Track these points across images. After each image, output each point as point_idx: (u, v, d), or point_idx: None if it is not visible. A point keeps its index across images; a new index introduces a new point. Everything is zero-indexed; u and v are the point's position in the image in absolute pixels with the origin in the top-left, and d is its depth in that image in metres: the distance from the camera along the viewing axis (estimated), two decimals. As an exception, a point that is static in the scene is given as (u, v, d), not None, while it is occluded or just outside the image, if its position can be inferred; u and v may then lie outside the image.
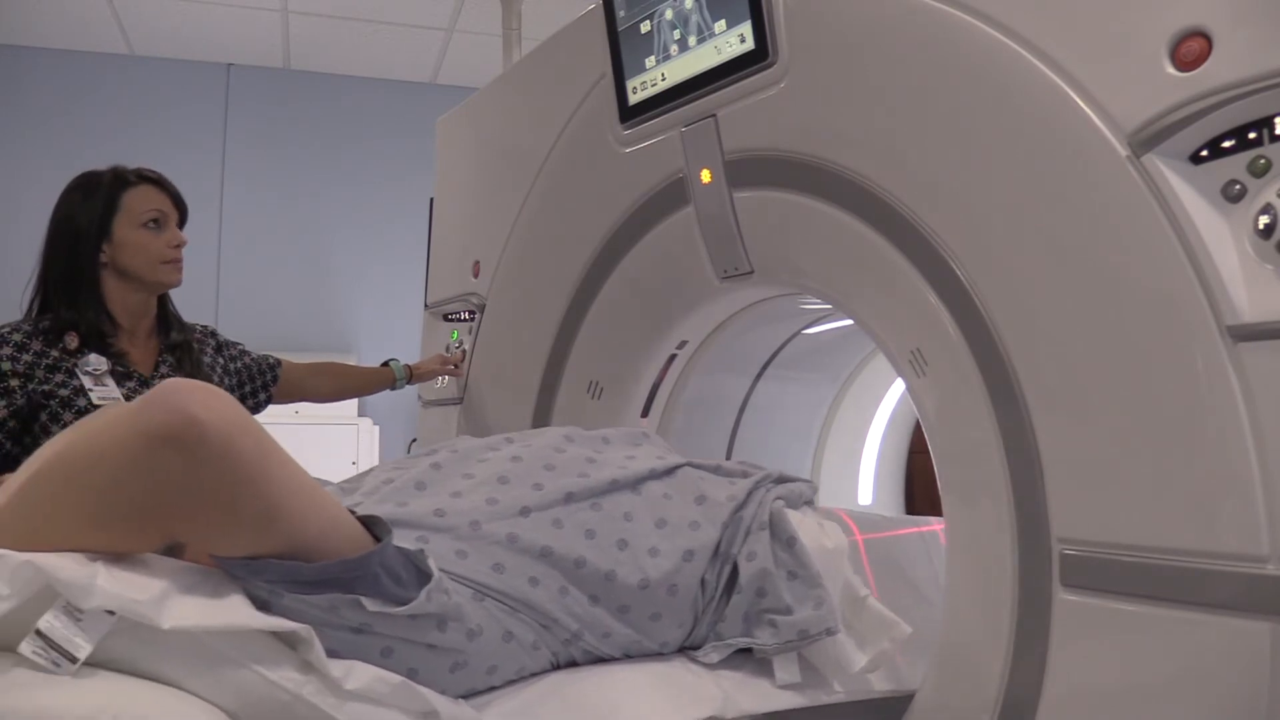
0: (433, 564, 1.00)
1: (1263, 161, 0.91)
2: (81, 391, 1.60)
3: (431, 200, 2.38)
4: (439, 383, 2.16)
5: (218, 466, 0.83)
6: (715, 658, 1.18)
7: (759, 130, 1.40)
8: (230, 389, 1.90)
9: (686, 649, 1.21)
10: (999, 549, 1.10)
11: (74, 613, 0.79)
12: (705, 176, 1.49)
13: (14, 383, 1.57)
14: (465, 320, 2.16)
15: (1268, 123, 0.91)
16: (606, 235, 1.69)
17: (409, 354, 2.45)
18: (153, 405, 0.83)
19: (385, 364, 2.15)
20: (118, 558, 0.86)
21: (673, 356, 1.80)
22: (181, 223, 1.75)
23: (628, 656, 1.16)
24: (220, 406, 0.84)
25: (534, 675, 1.09)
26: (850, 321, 1.55)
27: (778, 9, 1.34)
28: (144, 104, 4.62)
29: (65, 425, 1.57)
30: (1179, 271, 0.93)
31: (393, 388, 2.14)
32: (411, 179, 4.27)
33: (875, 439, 2.22)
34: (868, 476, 2.22)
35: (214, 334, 1.94)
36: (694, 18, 1.47)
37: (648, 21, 1.54)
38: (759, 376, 2.03)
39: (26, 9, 4.18)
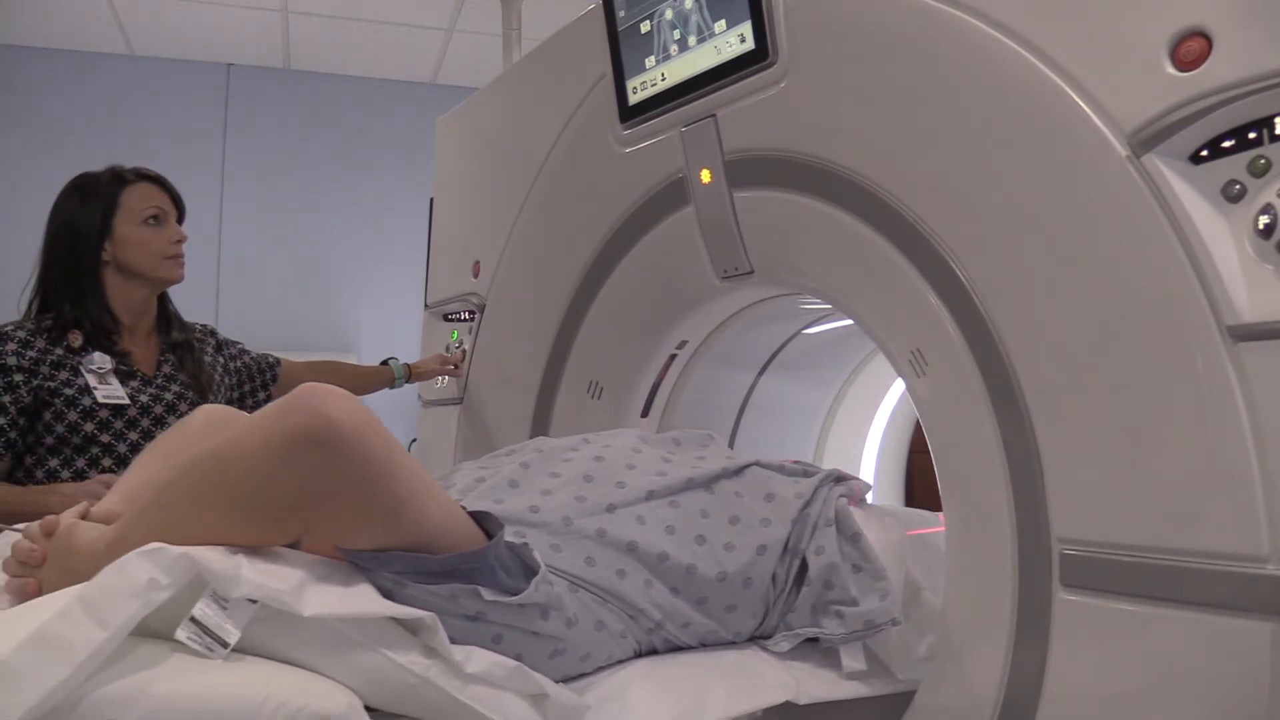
0: (537, 556, 1.06)
1: (1263, 161, 0.91)
2: (86, 390, 1.61)
3: (431, 200, 2.38)
4: (439, 382, 2.16)
5: (353, 464, 0.89)
6: (785, 646, 1.23)
7: (759, 130, 1.40)
8: (230, 388, 1.90)
9: (757, 639, 1.27)
10: (999, 549, 1.10)
11: (221, 601, 0.85)
12: (705, 176, 1.49)
13: (18, 378, 1.57)
14: (465, 320, 2.16)
15: (1268, 123, 0.91)
16: (606, 235, 1.69)
17: (409, 354, 2.45)
18: (293, 408, 0.89)
19: (385, 363, 2.16)
20: (254, 550, 0.91)
21: (673, 356, 1.80)
22: (180, 219, 1.76)
23: (703, 645, 1.23)
24: (354, 409, 0.91)
25: (619, 662, 1.15)
26: (850, 321, 1.55)
27: (778, 9, 1.34)
28: (144, 104, 4.62)
29: (69, 424, 1.59)
30: (1179, 271, 0.93)
31: (392, 386, 2.15)
32: (411, 179, 4.28)
33: (875, 439, 2.22)
34: (868, 476, 2.22)
35: (213, 333, 1.94)
36: (694, 18, 1.47)
37: (648, 21, 1.54)
38: (759, 376, 2.03)
39: (26, 9, 4.18)
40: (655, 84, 1.54)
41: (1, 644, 0.77)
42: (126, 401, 1.64)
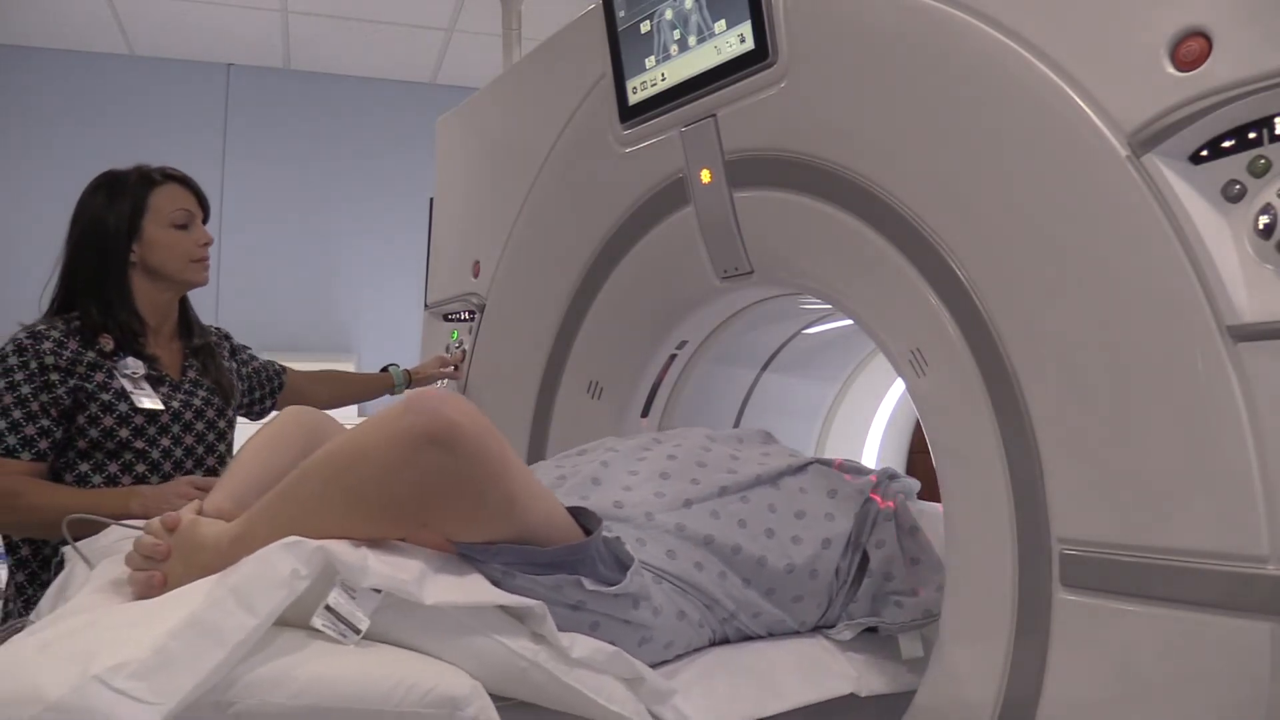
0: (630, 549, 1.13)
1: (1263, 161, 0.91)
2: (123, 395, 1.59)
3: (431, 200, 2.38)
4: (439, 384, 2.16)
5: (471, 463, 0.96)
6: (848, 635, 1.29)
7: (759, 130, 1.40)
8: (242, 393, 1.90)
9: (820, 628, 1.33)
10: (999, 549, 1.10)
11: (350, 591, 0.92)
12: (705, 176, 1.49)
13: (55, 377, 1.55)
14: (465, 320, 2.16)
15: (1268, 123, 0.91)
16: (606, 235, 1.69)
17: (409, 354, 2.45)
18: (415, 410, 0.95)
19: (385, 369, 2.16)
20: (375, 543, 0.97)
21: (673, 356, 1.80)
22: (205, 220, 1.77)
23: (771, 634, 1.29)
24: (470, 411, 0.97)
25: (696, 650, 1.22)
26: (850, 321, 1.55)
27: (778, 9, 1.34)
28: (144, 104, 4.63)
29: (105, 429, 1.57)
30: (1179, 271, 0.93)
31: (393, 393, 2.15)
32: (411, 179, 4.28)
33: (875, 439, 2.22)
34: (868, 476, 2.22)
35: (228, 337, 1.94)
36: (694, 18, 1.47)
37: (648, 21, 1.54)
38: (759, 376, 2.03)
39: (26, 9, 4.18)
40: (655, 84, 1.54)
41: (158, 631, 0.83)
42: (162, 408, 1.63)
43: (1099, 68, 1.00)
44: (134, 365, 1.63)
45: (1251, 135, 0.92)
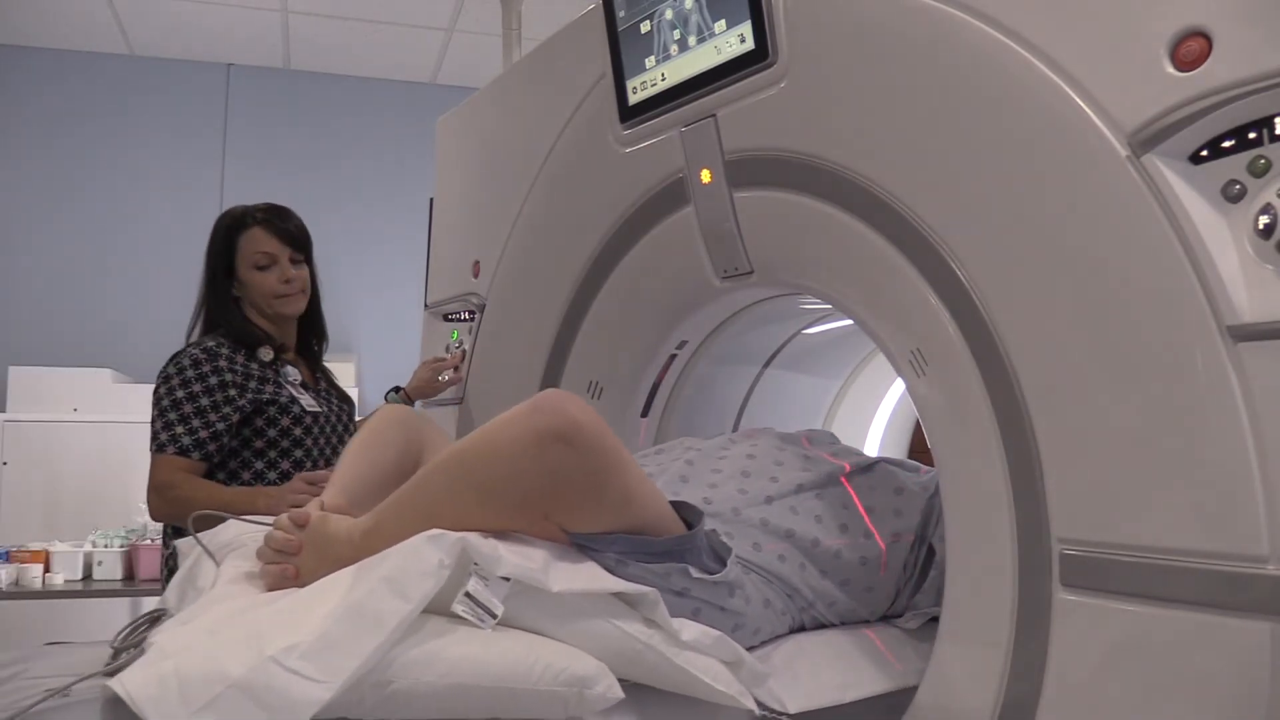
0: (727, 541, 1.21)
1: (1263, 161, 0.91)
2: (294, 399, 1.80)
3: (431, 200, 2.38)
4: (443, 377, 2.15)
5: (593, 458, 1.03)
6: (915, 624, 1.38)
7: (759, 130, 1.40)
8: None
9: (889, 617, 1.42)
10: (999, 549, 1.10)
11: (484, 579, 0.99)
12: (705, 176, 1.49)
13: (233, 391, 1.74)
14: (465, 320, 2.16)
15: (1268, 123, 0.91)
16: (606, 235, 1.69)
17: (409, 354, 2.45)
18: (542, 410, 1.02)
19: (385, 398, 2.16)
20: (500, 535, 1.04)
21: (673, 356, 1.80)
22: (302, 251, 1.92)
23: (843, 622, 1.37)
24: (590, 411, 1.05)
25: (778, 637, 1.30)
26: (850, 321, 1.55)
27: (778, 9, 1.34)
28: (144, 104, 4.62)
29: (281, 429, 1.78)
30: (1179, 271, 0.93)
31: None
32: (411, 179, 4.28)
33: (875, 439, 2.22)
34: (868, 476, 2.22)
35: None
36: (694, 18, 1.46)
37: (648, 21, 1.54)
38: (759, 377, 2.03)
39: (26, 9, 4.18)
40: (655, 84, 1.54)
41: (319, 617, 0.91)
42: (321, 410, 1.85)
43: (1099, 67, 1.00)
44: (293, 373, 1.86)
45: (1251, 135, 0.92)
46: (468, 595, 0.98)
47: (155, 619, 1.06)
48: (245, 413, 1.75)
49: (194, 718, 0.83)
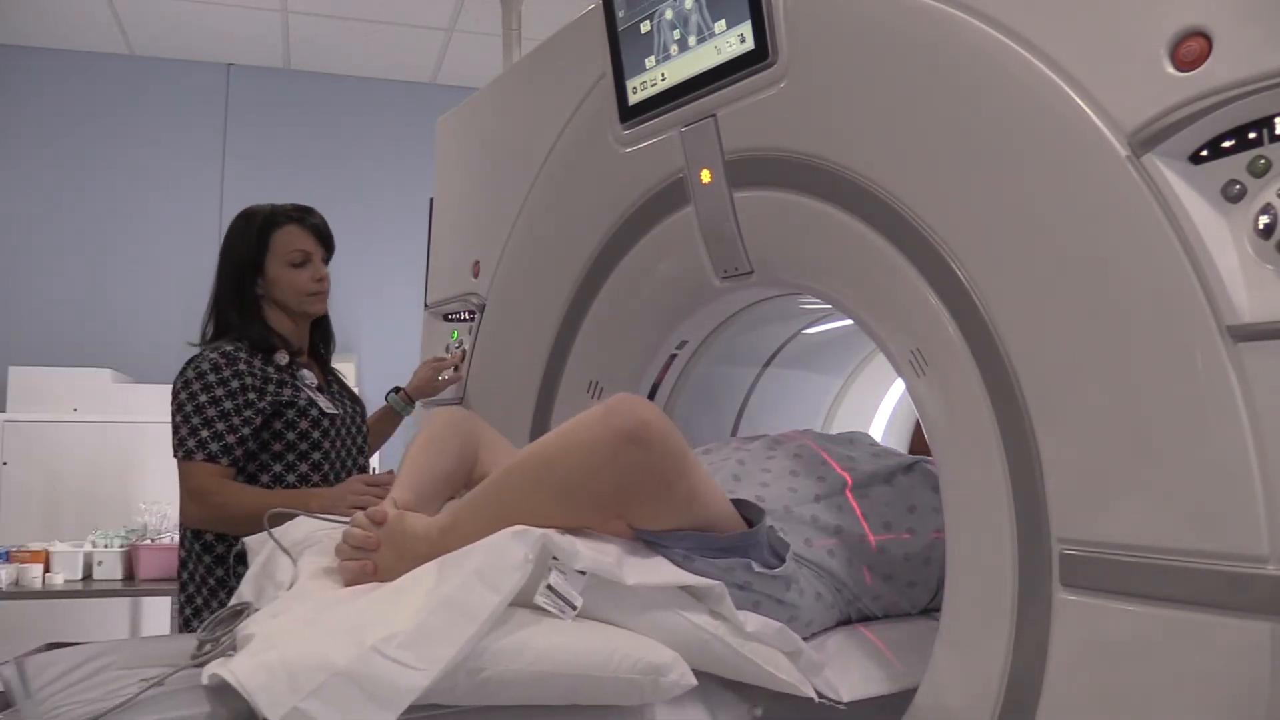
0: (784, 537, 1.26)
1: (1263, 161, 0.91)
2: (312, 402, 1.80)
3: (431, 200, 2.38)
4: (443, 376, 2.15)
5: (664, 459, 1.09)
6: None
7: (759, 130, 1.40)
8: None
9: (929, 610, 1.46)
10: (999, 549, 1.10)
11: (564, 573, 1.04)
12: (705, 176, 1.49)
13: (252, 395, 1.74)
14: (465, 320, 2.16)
15: (1268, 123, 0.91)
16: (606, 235, 1.69)
17: (409, 354, 2.45)
18: (616, 413, 1.08)
19: (386, 398, 2.17)
20: (574, 531, 1.09)
21: (673, 356, 1.80)
22: (329, 254, 1.94)
23: (887, 615, 1.42)
24: (660, 414, 1.11)
25: (826, 630, 1.35)
26: (850, 321, 1.55)
27: (778, 9, 1.34)
28: (144, 104, 4.62)
29: (300, 432, 1.78)
30: (1179, 271, 0.93)
31: (402, 415, 2.16)
32: (411, 179, 4.27)
33: (876, 439, 2.22)
34: (868, 476, 2.22)
35: None
36: (694, 18, 1.46)
37: (648, 21, 1.54)
38: (759, 377, 2.03)
39: (26, 9, 4.18)
40: (655, 84, 1.54)
41: (414, 608, 0.97)
42: (337, 412, 1.86)
43: (1099, 68, 1.00)
44: (309, 376, 1.86)
45: (1251, 135, 0.92)
46: (550, 588, 1.03)
47: (237, 612, 1.11)
48: (265, 415, 1.75)
49: (302, 703, 0.88)
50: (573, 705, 1.04)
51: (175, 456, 1.72)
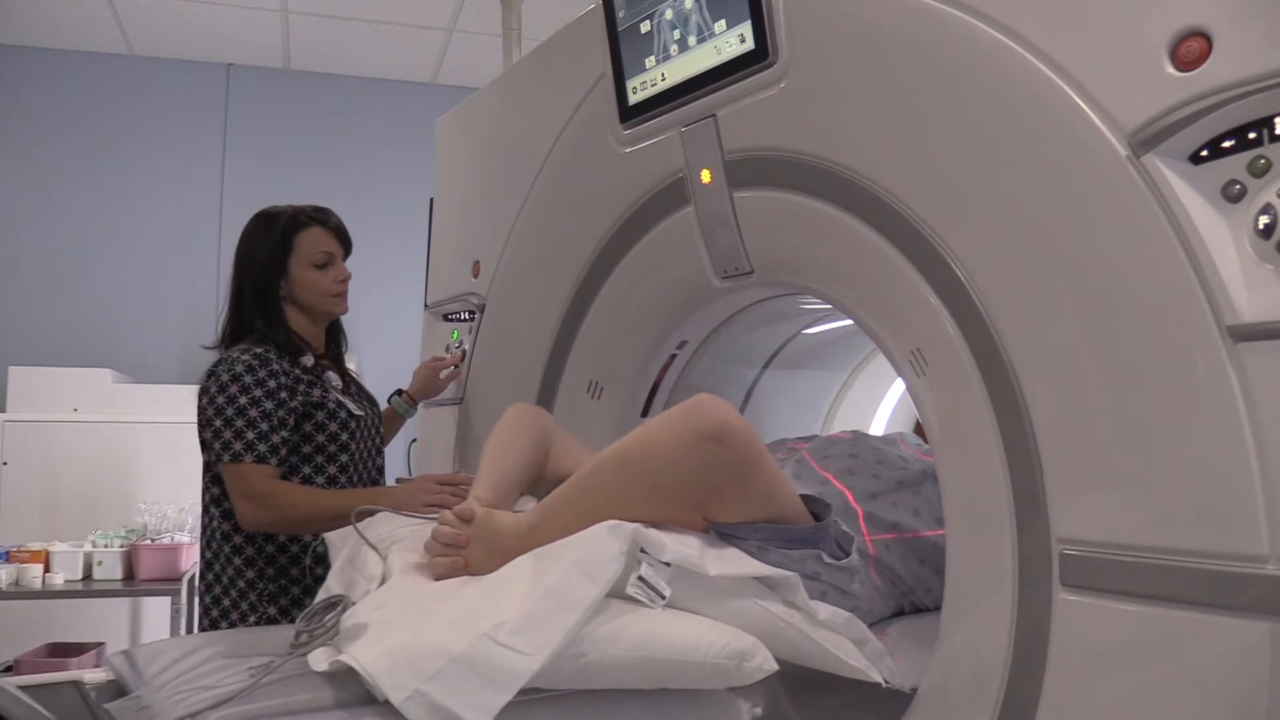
0: (848, 530, 1.31)
1: (1263, 161, 0.91)
2: (341, 404, 1.82)
3: (431, 200, 2.38)
4: (443, 375, 2.15)
5: (742, 456, 1.15)
6: None
7: (759, 130, 1.40)
8: None
9: None
10: (999, 549, 1.10)
11: (652, 564, 1.09)
12: (705, 176, 1.49)
13: (284, 395, 1.74)
14: (465, 320, 2.16)
15: (1268, 123, 0.91)
16: (606, 235, 1.69)
17: (409, 354, 2.45)
18: (696, 413, 1.14)
19: (389, 400, 2.17)
20: (658, 525, 1.14)
21: (673, 356, 1.80)
22: (347, 254, 1.95)
23: (937, 607, 1.38)
24: (738, 415, 1.16)
25: (883, 620, 1.40)
26: (850, 322, 1.55)
27: (778, 9, 1.34)
28: (144, 104, 4.62)
29: (330, 434, 1.79)
30: (1179, 271, 0.93)
31: (405, 415, 2.17)
32: (411, 179, 4.28)
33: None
34: (868, 476, 2.22)
35: None
36: (694, 18, 1.46)
37: (648, 21, 1.54)
38: (759, 376, 2.03)
39: (26, 9, 4.18)
40: (655, 84, 1.54)
41: (519, 598, 1.03)
42: (361, 414, 1.87)
43: (1099, 68, 1.00)
44: (334, 378, 1.87)
45: (1251, 135, 0.92)
46: (641, 579, 1.09)
47: (331, 604, 1.16)
48: (297, 417, 1.76)
49: (423, 686, 0.94)
50: (661, 690, 1.10)
51: (220, 461, 1.69)
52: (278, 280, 1.85)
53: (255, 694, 1.02)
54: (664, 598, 1.09)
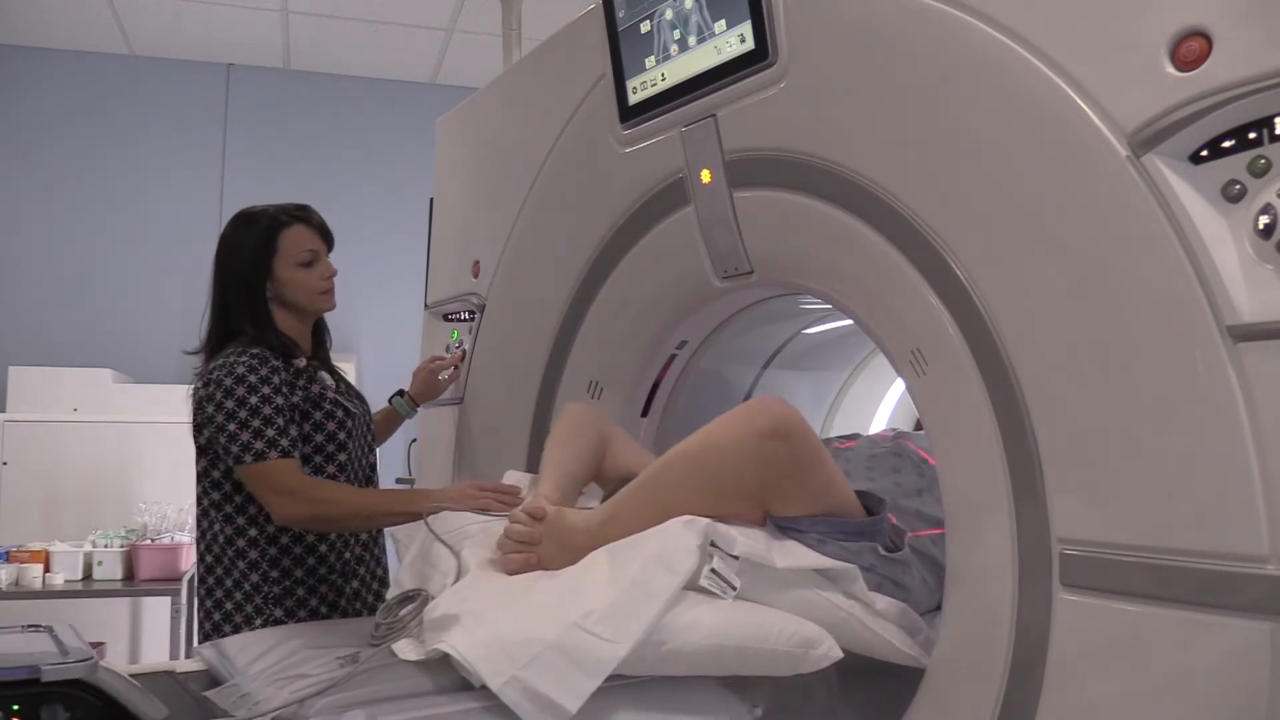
0: (899, 525, 1.34)
1: (1263, 161, 0.91)
2: (337, 403, 1.81)
3: (431, 200, 2.38)
4: (442, 375, 2.15)
5: (803, 451, 1.21)
6: None
7: (759, 130, 1.40)
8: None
9: None
10: (999, 549, 1.10)
11: (723, 557, 1.13)
12: (705, 176, 1.49)
13: (286, 392, 1.73)
14: (465, 320, 2.16)
15: (1268, 123, 0.91)
16: (606, 235, 1.69)
17: (409, 354, 2.45)
18: (758, 412, 1.21)
19: (390, 401, 2.17)
20: (724, 520, 1.18)
21: (673, 356, 1.80)
22: (329, 249, 1.94)
23: None
24: (798, 413, 1.22)
25: (928, 612, 1.38)
26: (850, 322, 1.55)
27: (778, 9, 1.34)
28: (144, 104, 4.62)
29: (328, 433, 1.78)
30: (1179, 271, 0.93)
31: (407, 416, 2.16)
32: (411, 179, 4.28)
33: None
34: (868, 476, 2.22)
35: None
36: (694, 18, 1.46)
37: (648, 21, 1.54)
38: (759, 376, 2.03)
39: (26, 9, 4.18)
40: (655, 84, 1.54)
41: (602, 591, 1.09)
42: (356, 411, 1.86)
43: (1099, 68, 1.00)
44: (327, 379, 1.86)
45: (1251, 135, 0.92)
46: (714, 572, 1.13)
47: (408, 598, 1.22)
48: (301, 412, 1.76)
49: (520, 672, 1.00)
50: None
51: (241, 462, 1.66)
52: (264, 282, 1.82)
53: (358, 681, 1.08)
54: (735, 589, 1.13)
